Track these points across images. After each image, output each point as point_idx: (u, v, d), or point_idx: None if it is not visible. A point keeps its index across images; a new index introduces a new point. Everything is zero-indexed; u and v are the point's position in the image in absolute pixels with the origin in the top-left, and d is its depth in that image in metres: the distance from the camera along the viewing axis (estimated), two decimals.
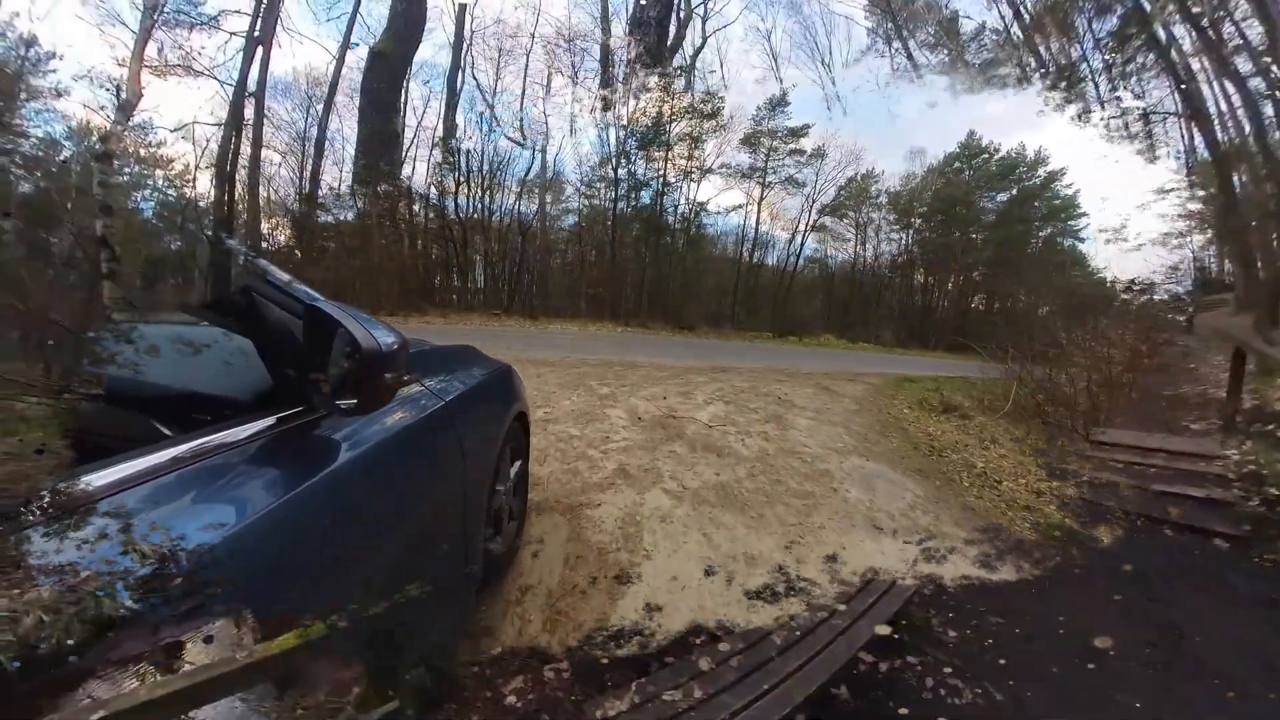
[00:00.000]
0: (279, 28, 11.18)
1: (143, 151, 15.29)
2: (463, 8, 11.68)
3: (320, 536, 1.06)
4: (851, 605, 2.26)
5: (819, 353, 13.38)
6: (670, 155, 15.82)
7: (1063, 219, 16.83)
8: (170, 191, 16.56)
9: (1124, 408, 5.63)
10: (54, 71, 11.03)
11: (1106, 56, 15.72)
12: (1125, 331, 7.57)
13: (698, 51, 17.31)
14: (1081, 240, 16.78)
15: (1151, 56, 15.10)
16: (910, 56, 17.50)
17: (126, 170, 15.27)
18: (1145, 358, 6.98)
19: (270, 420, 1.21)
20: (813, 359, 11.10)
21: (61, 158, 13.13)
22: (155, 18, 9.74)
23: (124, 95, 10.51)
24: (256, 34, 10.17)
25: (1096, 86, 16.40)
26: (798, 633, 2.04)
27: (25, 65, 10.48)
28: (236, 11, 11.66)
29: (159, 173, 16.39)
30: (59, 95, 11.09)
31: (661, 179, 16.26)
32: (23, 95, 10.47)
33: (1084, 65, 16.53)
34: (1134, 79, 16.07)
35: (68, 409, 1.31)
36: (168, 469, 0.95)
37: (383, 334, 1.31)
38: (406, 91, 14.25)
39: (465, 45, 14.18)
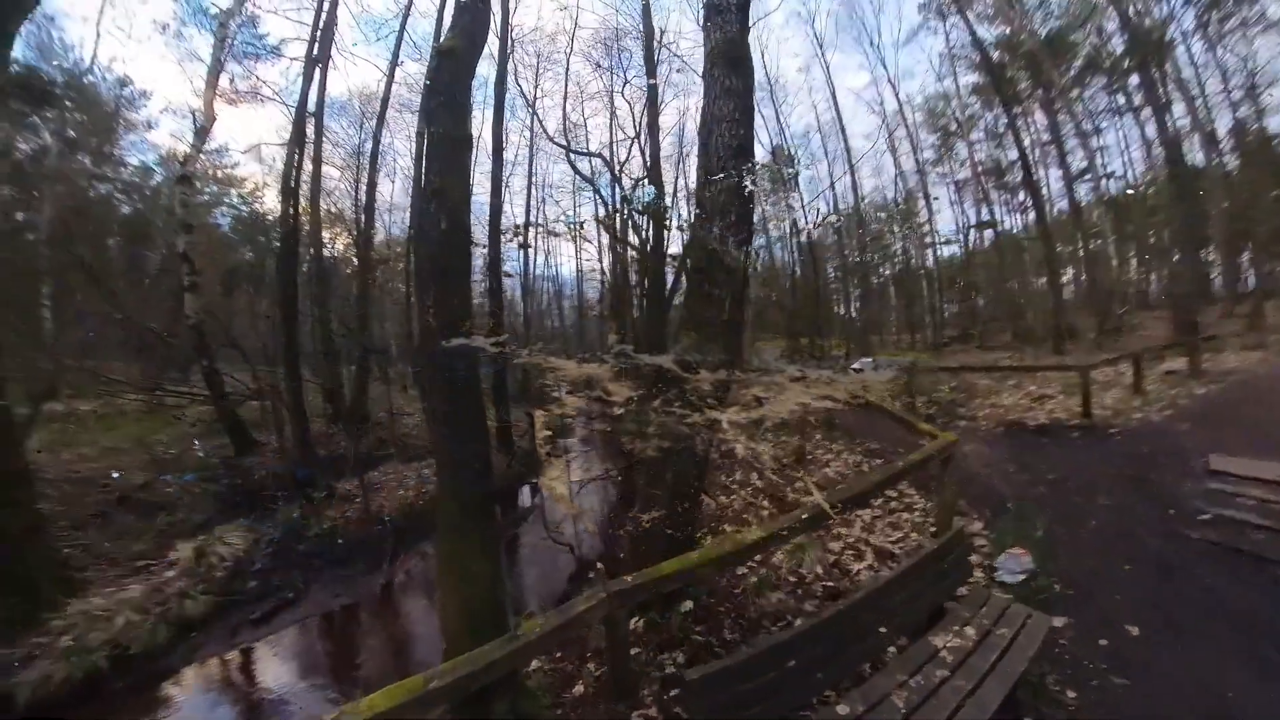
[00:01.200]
0: (334, 49, 11.67)
1: (219, 173, 16.50)
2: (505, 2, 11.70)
3: None
4: (971, 661, 2.12)
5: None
6: None
7: None
8: (243, 208, 17.88)
9: (1243, 423, 5.04)
10: (145, 106, 12.05)
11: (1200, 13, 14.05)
12: None
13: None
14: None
15: (1256, 9, 13.37)
16: (972, 30, 16.27)
17: (206, 191, 16.55)
18: None
19: None
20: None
21: (154, 182, 14.40)
22: (226, 51, 10.39)
23: (200, 122, 11.30)
24: (314, 55, 10.68)
25: (1189, 49, 14.69)
26: (918, 695, 1.94)
27: (122, 102, 11.45)
28: (296, 38, 12.29)
29: (233, 191, 17.72)
30: (150, 128, 12.11)
31: None
32: (121, 129, 11.50)
33: (1173, 25, 14.81)
34: (1237, 36, 14.31)
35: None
36: None
37: None
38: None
39: (509, 49, 14.32)
